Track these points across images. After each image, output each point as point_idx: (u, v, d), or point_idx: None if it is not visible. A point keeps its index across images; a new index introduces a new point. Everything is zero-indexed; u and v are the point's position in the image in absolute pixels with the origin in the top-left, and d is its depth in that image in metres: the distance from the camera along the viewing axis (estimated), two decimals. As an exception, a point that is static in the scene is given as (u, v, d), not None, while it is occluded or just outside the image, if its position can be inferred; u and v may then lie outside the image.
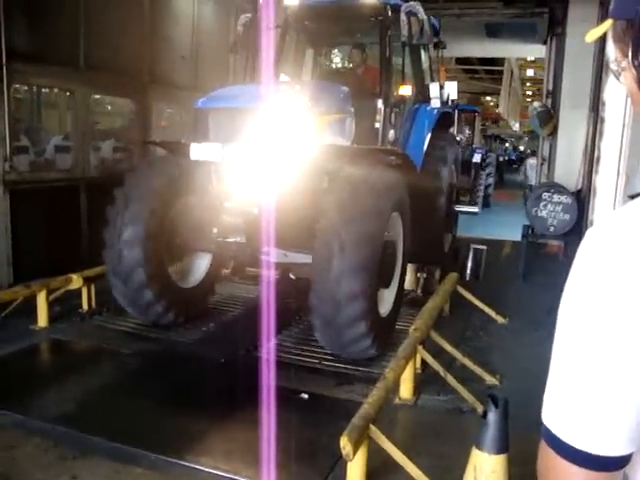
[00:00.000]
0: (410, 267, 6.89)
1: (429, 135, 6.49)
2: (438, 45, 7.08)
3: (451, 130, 8.01)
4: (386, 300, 5.20)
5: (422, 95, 6.84)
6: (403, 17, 5.57)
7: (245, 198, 4.97)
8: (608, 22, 0.95)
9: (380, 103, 5.91)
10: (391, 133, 6.11)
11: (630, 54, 0.90)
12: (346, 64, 6.98)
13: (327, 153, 5.00)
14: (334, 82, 6.28)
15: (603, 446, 0.84)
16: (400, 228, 5.31)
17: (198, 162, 5.06)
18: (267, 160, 4.83)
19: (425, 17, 5.86)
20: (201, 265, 5.99)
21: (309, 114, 5.04)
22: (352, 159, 5.05)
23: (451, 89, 7.03)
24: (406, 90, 6.43)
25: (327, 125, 5.27)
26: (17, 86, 7.53)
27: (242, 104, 5.07)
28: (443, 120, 6.90)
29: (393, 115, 6.15)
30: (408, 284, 6.89)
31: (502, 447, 2.54)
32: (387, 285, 5.18)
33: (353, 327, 4.53)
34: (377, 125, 5.94)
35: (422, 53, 6.93)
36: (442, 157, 6.65)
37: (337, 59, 7.28)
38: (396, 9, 5.82)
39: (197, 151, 5.00)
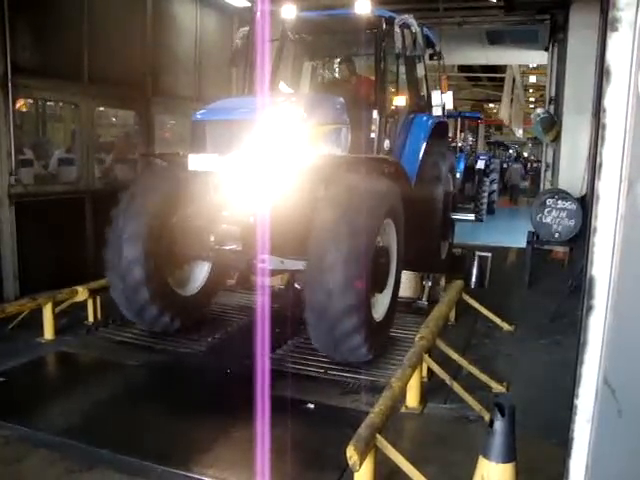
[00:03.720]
0: (415, 275, 6.90)
1: (424, 144, 6.53)
2: (434, 56, 7.12)
3: (448, 138, 8.02)
4: (380, 305, 5.23)
5: (417, 105, 6.88)
6: (397, 29, 5.68)
7: (242, 207, 5.03)
8: None
9: (375, 113, 5.97)
10: (386, 143, 6.16)
11: None
12: (343, 75, 7.04)
13: (322, 162, 5.07)
14: (330, 93, 6.32)
15: None
16: (394, 234, 5.35)
17: (196, 172, 5.13)
18: (263, 170, 4.89)
19: (418, 29, 5.94)
20: (200, 274, 6.05)
21: (305, 125, 5.12)
22: (347, 168, 5.11)
23: (447, 99, 7.06)
24: (401, 100, 6.49)
25: (323, 135, 5.34)
26: (22, 100, 7.59)
27: (238, 116, 5.15)
28: (438, 129, 6.93)
29: (388, 125, 6.21)
30: (413, 292, 6.90)
31: (509, 455, 2.52)
32: (381, 290, 5.22)
33: (344, 320, 4.52)
34: (372, 135, 5.99)
35: (417, 64, 6.95)
36: (437, 166, 6.69)
37: (334, 70, 7.38)
38: (390, 22, 5.91)
39: (195, 162, 5.11)
